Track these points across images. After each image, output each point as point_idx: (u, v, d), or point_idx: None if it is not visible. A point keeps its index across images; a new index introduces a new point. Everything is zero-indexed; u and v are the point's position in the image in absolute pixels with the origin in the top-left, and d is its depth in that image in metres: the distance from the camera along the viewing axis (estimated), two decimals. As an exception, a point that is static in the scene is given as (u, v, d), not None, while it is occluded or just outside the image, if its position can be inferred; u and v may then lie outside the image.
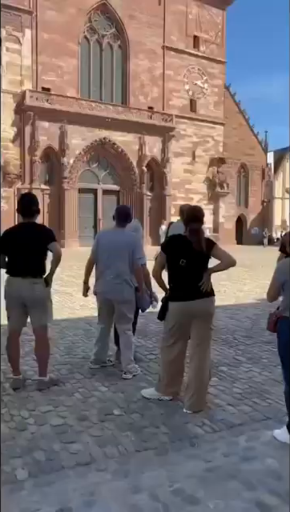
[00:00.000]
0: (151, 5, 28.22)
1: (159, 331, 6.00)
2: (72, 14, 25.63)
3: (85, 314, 7.37)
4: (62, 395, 3.91)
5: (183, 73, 29.83)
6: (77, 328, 6.40)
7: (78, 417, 3.50)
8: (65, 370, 4.56)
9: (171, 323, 3.72)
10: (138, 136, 27.48)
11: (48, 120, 24.64)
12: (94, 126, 26.03)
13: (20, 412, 3.55)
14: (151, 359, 4.99)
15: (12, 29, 23.95)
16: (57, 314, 7.14)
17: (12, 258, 3.94)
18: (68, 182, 25.25)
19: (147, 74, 28.57)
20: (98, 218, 27.06)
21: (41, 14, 24.66)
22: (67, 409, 3.64)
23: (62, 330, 6.18)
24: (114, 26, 27.48)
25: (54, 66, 25.36)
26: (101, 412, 3.59)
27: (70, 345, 5.52)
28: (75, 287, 10.18)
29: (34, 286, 3.91)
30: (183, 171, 30.15)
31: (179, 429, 3.35)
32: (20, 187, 24.25)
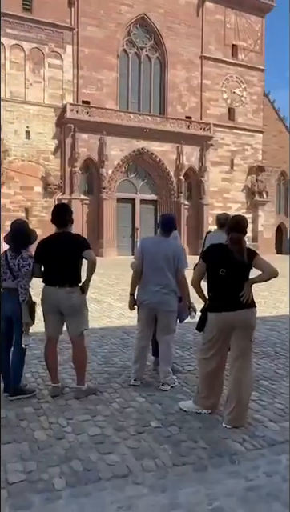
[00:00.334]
0: (188, 16, 28.41)
1: (197, 342, 5.91)
2: (111, 28, 26.23)
3: (122, 322, 7.38)
4: (100, 404, 3.90)
5: (221, 82, 29.71)
6: (114, 337, 6.39)
7: (116, 427, 3.47)
8: (102, 379, 4.55)
9: (211, 334, 3.63)
10: (176, 145, 27.54)
11: (88, 132, 25.20)
12: (133, 137, 26.35)
13: (58, 420, 3.57)
14: (189, 371, 4.90)
15: (54, 45, 24.81)
16: (95, 322, 7.25)
17: (48, 268, 4.00)
18: (106, 191, 25.63)
19: (184, 84, 28.68)
20: (136, 227, 27.23)
21: (82, 30, 25.41)
22: (105, 418, 3.62)
23: (99, 339, 6.20)
24: (153, 38, 27.84)
25: (93, 79, 25.98)
26: (138, 423, 3.54)
27: (108, 354, 5.51)
28: (113, 296, 10.27)
29: (71, 294, 3.95)
30: (221, 180, 29.87)
31: (219, 444, 3.24)
32: (60, 197, 24.86)
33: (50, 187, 24.82)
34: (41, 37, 24.41)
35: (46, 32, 24.54)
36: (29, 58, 24.23)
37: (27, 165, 24.38)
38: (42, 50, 24.52)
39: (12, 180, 23.99)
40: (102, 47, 25.95)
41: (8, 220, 21.90)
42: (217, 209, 28.76)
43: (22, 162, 24.26)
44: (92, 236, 24.69)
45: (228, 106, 30.18)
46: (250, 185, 30.92)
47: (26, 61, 24.18)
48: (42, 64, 24.64)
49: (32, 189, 24.63)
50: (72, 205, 23.78)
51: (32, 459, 2.98)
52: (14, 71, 23.94)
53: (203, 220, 28.28)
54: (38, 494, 2.61)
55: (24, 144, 24.28)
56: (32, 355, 5.14)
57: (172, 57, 28.09)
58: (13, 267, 3.91)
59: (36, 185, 24.72)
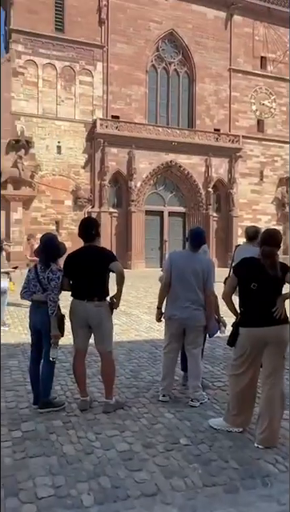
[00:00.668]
0: (217, 30, 28.58)
1: (227, 357, 5.80)
2: (141, 45, 26.69)
3: (151, 336, 7.33)
4: (128, 419, 3.87)
5: (249, 94, 29.59)
6: (143, 350, 6.35)
7: (144, 443, 3.42)
8: (130, 394, 4.52)
9: (242, 350, 3.54)
10: (205, 158, 27.50)
11: (117, 146, 25.55)
12: (161, 150, 26.52)
13: (87, 434, 3.56)
14: (219, 387, 4.79)
15: (85, 63, 25.44)
16: (123, 335, 7.25)
17: (76, 282, 4.03)
18: (135, 204, 25.81)
19: (213, 96, 28.73)
20: (164, 239, 27.21)
21: (111, 47, 25.97)
22: (133, 434, 3.58)
23: (128, 352, 6.18)
24: (181, 52, 28.12)
25: (123, 94, 26.43)
26: (167, 440, 3.48)
27: (136, 368, 5.48)
28: (141, 308, 10.25)
29: (100, 308, 3.97)
30: (251, 192, 29.54)
31: (250, 465, 3.14)
32: (90, 210, 25.21)
33: (79, 200, 25.23)
34: (72, 55, 25.11)
35: (77, 50, 25.24)
36: (60, 75, 24.94)
37: (58, 179, 24.92)
38: (73, 68, 25.20)
39: (43, 194, 24.56)
40: (132, 63, 26.42)
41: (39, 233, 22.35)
42: (246, 221, 28.42)
43: (53, 176, 24.81)
44: (120, 248, 24.88)
45: (257, 118, 29.96)
46: (280, 196, 30.40)
47: (58, 78, 24.88)
48: (74, 81, 25.29)
49: (62, 202, 25.10)
50: (101, 218, 24.14)
51: (61, 474, 2.98)
52: (47, 89, 24.67)
53: (233, 232, 27.96)
54: (67, 510, 2.60)
55: (55, 159, 24.86)
56: (61, 367, 5.17)
57: (200, 70, 28.25)
58: (42, 280, 3.97)
59: (66, 198, 25.19)
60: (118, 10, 25.96)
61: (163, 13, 27.13)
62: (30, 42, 24.13)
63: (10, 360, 5.73)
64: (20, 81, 24.04)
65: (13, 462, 3.12)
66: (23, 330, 7.36)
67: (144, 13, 26.59)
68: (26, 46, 24.11)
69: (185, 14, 27.67)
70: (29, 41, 24.12)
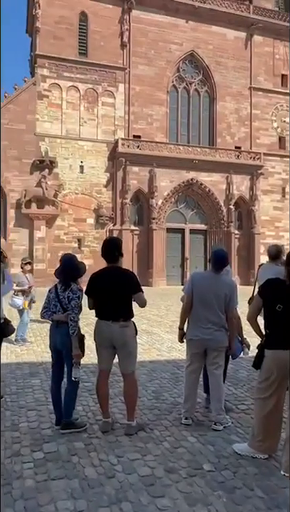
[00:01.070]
0: (237, 50, 28.93)
1: (251, 378, 5.68)
2: (162, 66, 27.21)
3: (173, 356, 7.25)
4: (150, 442, 3.81)
5: (270, 111, 29.63)
6: (165, 371, 6.28)
7: (167, 468, 3.36)
8: (152, 416, 4.46)
9: (268, 373, 3.46)
10: (226, 175, 27.49)
11: (138, 165, 25.85)
12: (182, 168, 26.68)
13: (108, 457, 3.52)
14: (243, 410, 4.68)
15: (107, 85, 26.07)
16: (145, 354, 7.20)
17: (100, 302, 4.03)
18: (156, 222, 25.90)
19: (233, 115, 28.89)
20: (186, 257, 27.13)
21: (133, 69, 26.56)
22: (155, 458, 3.52)
23: (149, 373, 6.12)
24: (202, 72, 28.49)
25: (144, 114, 26.86)
26: (190, 465, 3.41)
27: (158, 388, 5.41)
28: (163, 327, 10.18)
29: (125, 329, 3.97)
30: (273, 209, 29.27)
31: (277, 494, 3.03)
32: (112, 228, 25.46)
33: (101, 219, 25.50)
34: (95, 78, 25.78)
35: (99, 73, 25.91)
36: (84, 97, 25.59)
37: (80, 198, 25.32)
38: (95, 90, 25.83)
39: (66, 212, 24.94)
40: (153, 84, 26.92)
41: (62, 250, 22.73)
42: (269, 238, 28.14)
43: (75, 195, 25.23)
44: (142, 266, 24.91)
45: (279, 135, 29.89)
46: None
47: (81, 100, 25.53)
48: (96, 103, 25.88)
49: (85, 220, 25.43)
50: (122, 235, 24.31)
51: (82, 498, 2.94)
52: (70, 110, 25.32)
53: (255, 250, 27.65)
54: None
55: (78, 178, 25.31)
56: (83, 387, 5.15)
57: (221, 89, 28.53)
58: (63, 300, 4.01)
59: (88, 216, 25.51)
60: (139, 33, 26.64)
61: (184, 35, 27.68)
62: (54, 67, 24.94)
63: (32, 379, 5.76)
64: (45, 103, 24.78)
65: (35, 484, 3.11)
66: (45, 348, 7.38)
67: (165, 35, 27.20)
68: (51, 70, 24.92)
69: (205, 36, 28.15)
70: (54, 65, 24.93)
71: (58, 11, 24.94)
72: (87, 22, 25.67)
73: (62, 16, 25.02)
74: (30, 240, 24.13)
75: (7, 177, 23.87)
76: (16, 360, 6.93)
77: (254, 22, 28.89)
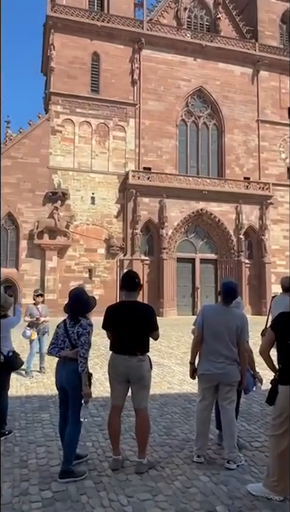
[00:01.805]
0: (244, 85, 29.74)
1: (265, 414, 5.52)
2: (171, 101, 28.02)
3: (184, 389, 7.09)
4: (161, 482, 3.68)
5: (278, 143, 30.06)
6: (176, 405, 6.13)
7: (178, 510, 3.22)
8: (163, 453, 4.32)
9: (282, 409, 3.36)
10: (235, 205, 27.68)
11: (148, 196, 26.21)
12: (192, 199, 26.97)
13: (118, 497, 3.40)
14: (257, 447, 4.51)
15: (118, 120, 26.84)
16: (156, 387, 7.06)
17: (117, 337, 3.99)
18: (167, 252, 25.98)
19: (242, 146, 29.37)
20: (196, 286, 26.99)
21: (143, 105, 27.37)
22: (166, 499, 3.38)
23: (160, 407, 5.98)
24: (210, 107, 29.22)
25: (154, 147, 27.46)
26: (203, 507, 3.26)
27: (169, 424, 5.27)
28: (174, 359, 10.01)
29: (142, 363, 3.91)
30: (283, 238, 29.20)
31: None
32: (122, 258, 25.56)
33: (112, 249, 25.65)
34: (106, 113, 26.59)
35: (111, 109, 26.74)
36: (95, 132, 26.32)
37: (91, 228, 25.60)
38: (107, 125, 26.58)
39: (77, 243, 25.18)
40: (162, 118, 27.66)
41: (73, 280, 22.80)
42: (280, 267, 27.97)
43: (86, 225, 25.54)
44: (152, 296, 24.78)
45: (287, 166, 30.19)
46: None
47: (93, 135, 26.26)
48: (107, 137, 26.58)
49: (95, 250, 25.61)
50: (133, 265, 24.38)
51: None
52: (82, 144, 26.02)
53: (266, 279, 27.43)
54: None
55: (89, 209, 25.69)
56: (93, 422, 5.06)
57: (229, 122, 29.15)
58: (72, 335, 3.87)
59: (99, 247, 25.70)
60: (149, 71, 27.61)
61: (192, 72, 28.62)
62: (67, 103, 25.84)
63: (41, 413, 5.66)
64: (58, 138, 25.53)
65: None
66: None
67: (173, 72, 28.15)
68: (64, 106, 25.82)
69: (213, 72, 29.06)
70: (67, 102, 25.84)
71: (72, 52, 26.08)
72: (99, 61, 26.74)
73: (76, 56, 26.14)
74: (42, 270, 24.30)
75: (20, 208, 24.35)
76: (26, 393, 6.85)
77: (260, 59, 29.79)
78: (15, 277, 23.96)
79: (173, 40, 28.19)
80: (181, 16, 29.07)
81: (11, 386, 5.25)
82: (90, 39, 26.44)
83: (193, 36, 28.86)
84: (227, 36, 29.73)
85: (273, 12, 31.24)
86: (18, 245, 24.35)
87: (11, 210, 24.22)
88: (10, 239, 24.45)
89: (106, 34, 26.70)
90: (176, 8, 29.21)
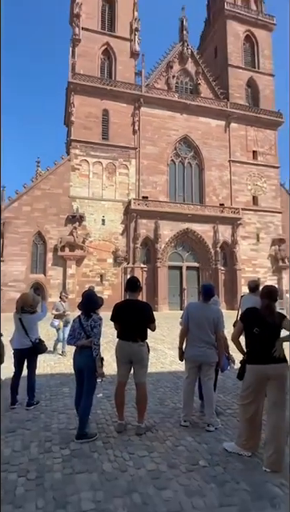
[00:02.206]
0: (219, 133, 30.03)
1: (237, 387, 5.45)
2: (163, 146, 28.23)
3: (174, 368, 7.04)
4: (156, 441, 3.64)
5: (245, 177, 30.24)
6: (167, 381, 6.07)
7: (169, 464, 3.19)
8: (158, 419, 4.28)
9: (248, 383, 3.35)
10: (213, 225, 27.73)
11: (146, 218, 26.24)
12: (179, 221, 27.00)
13: (122, 454, 3.36)
14: (230, 414, 4.47)
15: (123, 160, 26.99)
16: (151, 367, 6.94)
17: (123, 327, 3.95)
18: (160, 261, 25.92)
19: (217, 180, 29.53)
20: (183, 287, 26.89)
21: (142, 149, 27.54)
22: (160, 455, 3.35)
23: (155, 382, 5.91)
24: (193, 150, 29.42)
25: (150, 181, 27.58)
26: (188, 461, 3.23)
27: (162, 396, 5.21)
28: (166, 345, 9.93)
29: (142, 348, 3.89)
30: (250, 250, 29.22)
31: (259, 487, 2.84)
32: (126, 266, 25.50)
33: (118, 259, 25.60)
34: (114, 155, 26.76)
35: (117, 152, 26.93)
36: (105, 169, 26.46)
37: (102, 243, 25.58)
38: (114, 164, 26.73)
39: (91, 254, 25.14)
40: (157, 159, 27.85)
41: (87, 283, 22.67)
42: (248, 273, 27.96)
43: (98, 241, 25.52)
44: (149, 295, 24.67)
45: (252, 195, 30.35)
46: (274, 253, 29.88)
47: (104, 171, 26.38)
48: (114, 173, 26.71)
49: (105, 260, 25.54)
50: (134, 271, 24.32)
51: (101, 489, 2.79)
52: (95, 179, 26.12)
53: (237, 282, 27.38)
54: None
55: (100, 228, 25.69)
56: (104, 395, 4.99)
57: (207, 162, 29.35)
58: (86, 328, 3.82)
59: (108, 257, 25.64)
60: (146, 123, 27.89)
61: (179, 123, 28.91)
62: (84, 148, 26.02)
63: (62, 387, 5.59)
64: (76, 174, 25.65)
65: (62, 477, 2.96)
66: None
67: (165, 124, 28.43)
68: (82, 150, 25.98)
69: (195, 124, 29.36)
70: (83, 147, 26.02)
71: (87, 109, 26.36)
72: (108, 116, 27.00)
73: (90, 112, 26.40)
74: (64, 276, 24.21)
75: (47, 228, 24.35)
76: (50, 372, 6.78)
77: (230, 114, 30.13)
78: (43, 281, 23.87)
79: (164, 100, 28.53)
80: (170, 82, 29.49)
81: (38, 366, 5.19)
82: (101, 99, 26.74)
83: (180, 97, 29.20)
84: (205, 97, 30.10)
85: (240, 79, 31.73)
86: (45, 256, 24.29)
87: (40, 230, 24.21)
88: (39, 252, 24.39)
89: (113, 96, 27.02)
90: (167, 76, 29.64)
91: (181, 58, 30.39)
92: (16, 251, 23.50)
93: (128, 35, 28.52)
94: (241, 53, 32.06)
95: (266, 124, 31.31)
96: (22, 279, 23.21)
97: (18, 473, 3.02)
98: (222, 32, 32.65)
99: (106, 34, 27.98)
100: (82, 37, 27.04)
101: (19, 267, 23.42)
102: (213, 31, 34.32)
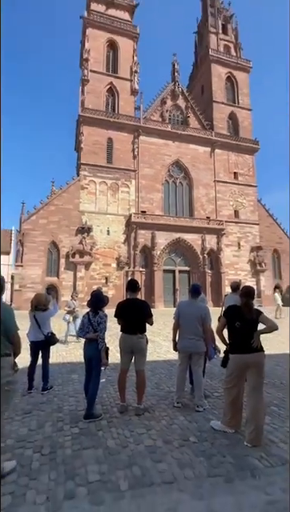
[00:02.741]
0: (205, 158, 30.29)
1: (222, 374, 5.39)
2: (158, 168, 28.41)
3: (168, 357, 6.97)
4: (152, 421, 3.58)
5: (228, 195, 30.42)
6: (163, 368, 6.02)
7: (164, 440, 3.14)
8: (154, 401, 4.22)
9: (231, 370, 3.32)
10: (201, 235, 27.80)
11: (144, 229, 26.29)
12: (172, 231, 27.09)
13: (124, 432, 3.31)
14: (217, 396, 4.42)
15: (124, 180, 27.12)
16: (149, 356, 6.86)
17: (125, 323, 3.92)
18: (156, 265, 25.90)
19: (204, 197, 29.68)
20: (176, 288, 26.83)
21: (140, 171, 27.70)
22: (156, 432, 3.30)
23: (152, 369, 5.85)
24: (183, 172, 29.64)
25: (148, 198, 27.69)
26: (180, 438, 3.19)
27: (158, 381, 5.15)
28: (161, 337, 9.85)
29: (141, 340, 3.86)
30: (232, 256, 29.26)
31: (242, 460, 2.80)
32: (127, 270, 25.46)
33: (121, 264, 25.55)
34: (117, 176, 26.88)
35: (119, 173, 27.07)
36: (109, 188, 26.56)
37: (107, 250, 25.56)
38: (117, 183, 26.84)
39: (98, 260, 25.10)
40: (153, 179, 27.99)
41: (94, 285, 22.56)
42: (231, 275, 27.95)
43: (104, 248, 25.50)
44: (147, 295, 24.61)
45: (234, 209, 30.50)
46: (253, 258, 29.92)
47: (108, 190, 26.47)
48: (117, 191, 26.80)
49: (110, 265, 25.50)
50: (134, 275, 24.25)
51: (105, 463, 2.75)
52: (101, 196, 26.20)
53: (222, 283, 27.36)
54: (108, 493, 2.37)
55: (105, 238, 25.70)
56: (107, 380, 4.94)
57: (196, 182, 29.52)
58: (93, 323, 3.80)
59: (112, 262, 25.60)
60: (144, 149, 28.08)
61: (172, 150, 29.13)
62: (92, 170, 26.14)
63: (72, 374, 5.53)
64: (85, 192, 25.72)
65: (72, 453, 2.91)
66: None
67: (160, 150, 28.64)
68: (90, 172, 26.10)
69: (185, 150, 29.59)
70: (91, 169, 26.14)
71: (94, 138, 26.55)
72: (112, 143, 27.19)
73: (97, 140, 26.59)
74: (74, 278, 24.13)
75: (60, 238, 24.33)
76: (62, 361, 6.71)
77: (215, 142, 30.42)
78: (57, 283, 23.76)
79: (159, 130, 28.78)
80: (164, 115, 29.79)
81: (51, 356, 5.12)
82: (106, 129, 26.94)
83: (172, 127, 29.49)
84: (194, 127, 30.41)
85: (223, 112, 32.10)
86: (58, 262, 24.22)
87: (54, 239, 24.18)
88: (53, 258, 24.33)
89: (116, 126, 27.24)
90: (161, 110, 29.96)
91: (173, 95, 30.77)
92: (34, 257, 23.44)
93: (129, 76, 28.87)
94: (223, 91, 32.51)
95: (245, 150, 31.61)
96: (39, 281, 23.11)
97: (33, 449, 2.96)
98: (207, 73, 33.15)
99: (110, 75, 28.32)
100: (90, 77, 27.36)
101: (36, 271, 23.33)
102: (200, 73, 34.86)
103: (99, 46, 28.32)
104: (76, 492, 2.36)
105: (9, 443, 3.04)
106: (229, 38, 34.90)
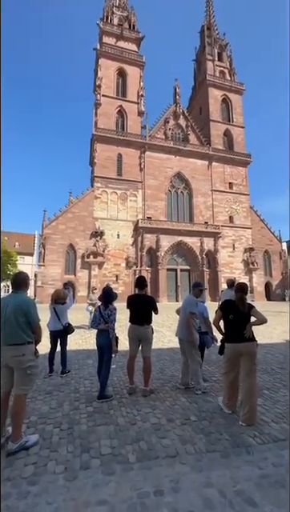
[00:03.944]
0: (203, 170, 30.14)
1: (219, 360, 5.34)
2: (162, 180, 28.38)
3: (171, 345, 6.91)
4: (157, 401, 3.56)
5: (224, 202, 30.20)
6: (166, 355, 5.96)
7: (168, 418, 3.12)
8: (159, 384, 4.19)
9: (227, 357, 3.28)
10: (199, 238, 27.65)
11: (150, 233, 26.27)
12: (174, 235, 27.00)
13: (132, 411, 3.30)
14: (214, 380, 4.36)
15: (132, 190, 27.16)
16: (154, 345, 6.83)
17: (134, 314, 3.91)
18: (161, 265, 25.84)
19: (203, 205, 29.52)
20: (178, 285, 26.73)
21: (146, 182, 27.72)
22: (161, 412, 3.28)
23: (157, 356, 5.81)
24: (184, 182, 29.55)
25: (153, 206, 27.67)
26: (182, 417, 3.16)
27: (163, 366, 5.12)
28: (165, 328, 9.77)
29: (147, 329, 3.84)
30: (228, 256, 29.01)
31: (237, 437, 2.76)
32: (135, 269, 25.46)
33: (129, 263, 25.58)
34: (125, 187, 26.93)
35: (128, 184, 27.12)
36: (120, 197, 26.62)
37: (117, 252, 25.60)
38: (126, 193, 26.89)
39: (109, 260, 25.16)
40: (157, 190, 27.96)
41: (106, 282, 22.54)
42: (226, 273, 27.70)
43: (114, 250, 25.56)
44: (153, 290, 24.56)
45: (229, 215, 30.26)
46: (246, 258, 29.61)
47: (118, 199, 26.54)
48: (126, 200, 26.84)
49: (120, 265, 25.53)
50: (142, 273, 24.23)
51: (116, 438, 2.74)
52: (112, 204, 26.27)
53: (218, 280, 27.14)
54: (119, 465, 2.36)
55: (116, 241, 25.74)
56: (117, 366, 4.94)
57: (195, 191, 29.39)
58: (104, 315, 3.78)
59: (122, 262, 25.62)
60: (149, 163, 28.07)
61: (174, 163, 29.05)
62: (104, 182, 26.24)
63: (87, 360, 5.53)
64: (98, 201, 25.83)
65: (87, 429, 2.92)
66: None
67: (163, 164, 28.59)
68: (102, 183, 26.21)
69: (186, 164, 29.47)
70: (103, 181, 26.25)
71: (106, 153, 26.66)
72: (122, 158, 27.26)
73: (108, 156, 26.69)
74: (89, 276, 24.23)
75: (77, 241, 24.47)
76: (78, 348, 6.72)
77: (212, 156, 30.23)
78: (74, 280, 23.90)
79: (163, 146, 28.75)
80: (167, 133, 29.75)
81: (69, 343, 5.15)
82: (116, 146, 27.04)
83: (174, 144, 29.42)
84: (193, 143, 30.28)
85: (219, 130, 31.91)
86: (75, 262, 24.37)
87: (72, 242, 24.34)
88: (71, 258, 24.49)
89: (125, 144, 27.31)
90: (164, 128, 29.93)
91: (175, 115, 30.71)
92: (54, 258, 23.65)
93: (136, 99, 28.94)
94: (219, 111, 32.32)
95: (239, 163, 31.33)
96: (58, 279, 23.29)
97: (53, 425, 2.98)
98: (205, 96, 33.01)
99: (119, 99, 28.44)
100: (102, 101, 27.53)
101: (56, 270, 23.53)
102: (198, 95, 34.73)
103: (110, 73, 28.48)
104: (90, 463, 2.36)
105: (32, 419, 3.06)
106: (224, 65, 34.71)
